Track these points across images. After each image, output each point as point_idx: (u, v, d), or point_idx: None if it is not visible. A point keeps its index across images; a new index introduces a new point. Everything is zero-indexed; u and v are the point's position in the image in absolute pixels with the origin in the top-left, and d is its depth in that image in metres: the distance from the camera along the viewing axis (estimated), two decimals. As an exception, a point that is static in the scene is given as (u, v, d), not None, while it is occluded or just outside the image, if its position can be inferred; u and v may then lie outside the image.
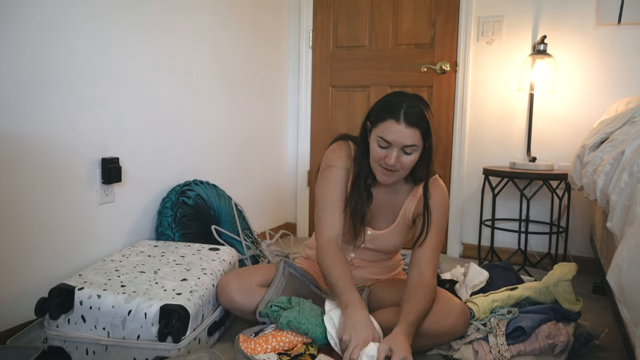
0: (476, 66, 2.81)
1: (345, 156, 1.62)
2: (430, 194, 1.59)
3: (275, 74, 3.09)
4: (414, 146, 1.45)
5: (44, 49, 1.65)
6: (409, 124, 1.43)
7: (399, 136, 1.43)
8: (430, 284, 1.54)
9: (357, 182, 1.58)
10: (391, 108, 1.45)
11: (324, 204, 1.60)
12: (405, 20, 2.97)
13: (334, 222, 1.58)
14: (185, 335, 1.46)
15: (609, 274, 0.93)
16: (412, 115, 1.43)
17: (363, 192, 1.59)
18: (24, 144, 1.62)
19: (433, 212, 1.59)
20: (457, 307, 1.53)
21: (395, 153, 1.45)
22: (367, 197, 1.60)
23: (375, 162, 1.52)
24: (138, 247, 1.91)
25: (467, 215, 2.90)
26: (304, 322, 1.42)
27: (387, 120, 1.45)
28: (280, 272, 1.66)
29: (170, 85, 2.23)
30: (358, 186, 1.58)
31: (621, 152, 1.36)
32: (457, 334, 1.55)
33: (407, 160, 1.48)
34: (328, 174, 1.62)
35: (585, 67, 2.60)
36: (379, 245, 1.68)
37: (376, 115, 1.49)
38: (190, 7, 2.32)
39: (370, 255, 1.72)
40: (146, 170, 2.11)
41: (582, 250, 2.67)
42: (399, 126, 1.43)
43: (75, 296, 1.47)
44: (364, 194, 1.59)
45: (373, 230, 1.67)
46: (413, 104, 1.45)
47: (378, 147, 1.48)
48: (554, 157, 2.68)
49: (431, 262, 1.56)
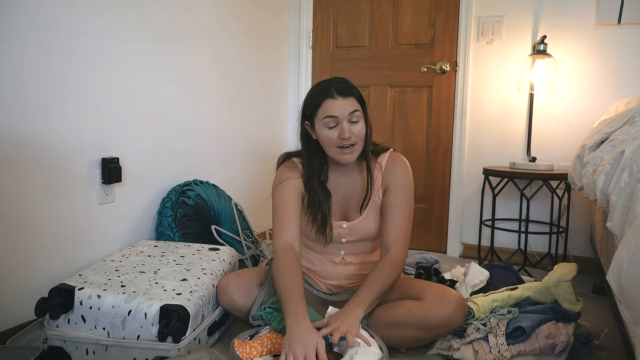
0: (476, 66, 2.81)
1: (293, 169, 1.66)
2: (391, 167, 1.65)
3: (275, 74, 3.09)
4: (356, 112, 1.53)
5: (44, 49, 1.65)
6: (343, 95, 1.52)
7: (341, 108, 1.51)
8: (397, 259, 1.57)
9: (310, 182, 1.62)
10: (321, 92, 1.54)
11: (276, 214, 1.62)
12: (405, 20, 2.97)
13: (287, 227, 1.59)
14: (185, 335, 1.46)
15: (609, 274, 0.93)
16: (343, 87, 1.53)
17: (319, 190, 1.62)
18: (24, 144, 1.62)
19: (396, 186, 1.63)
20: (454, 297, 1.53)
21: (345, 125, 1.51)
22: (324, 193, 1.63)
23: (332, 147, 1.55)
24: (138, 247, 1.91)
25: (467, 215, 2.90)
26: None
27: (324, 102, 1.52)
28: (271, 274, 1.65)
29: (171, 85, 2.23)
30: (312, 186, 1.62)
31: (621, 152, 1.36)
32: (454, 325, 1.55)
33: (358, 129, 1.54)
34: (280, 187, 1.64)
35: (585, 67, 2.60)
36: (361, 234, 1.68)
37: (310, 108, 1.56)
38: (190, 7, 2.32)
39: (358, 247, 1.71)
40: (146, 170, 2.11)
41: (582, 250, 2.67)
42: (336, 100, 1.51)
43: (75, 296, 1.47)
44: (320, 190, 1.63)
45: (348, 223, 1.67)
46: (338, 80, 1.56)
47: (328, 131, 1.53)
48: (554, 157, 2.68)
49: (398, 238, 1.60)
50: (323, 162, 1.65)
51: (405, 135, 3.02)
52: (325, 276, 1.73)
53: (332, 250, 1.71)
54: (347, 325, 1.36)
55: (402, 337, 1.56)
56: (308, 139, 1.62)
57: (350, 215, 1.69)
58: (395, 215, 1.62)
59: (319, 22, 3.17)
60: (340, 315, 1.42)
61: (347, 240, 1.69)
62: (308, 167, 1.63)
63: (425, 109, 2.96)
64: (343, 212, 1.69)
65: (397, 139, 3.03)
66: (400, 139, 3.02)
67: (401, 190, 1.63)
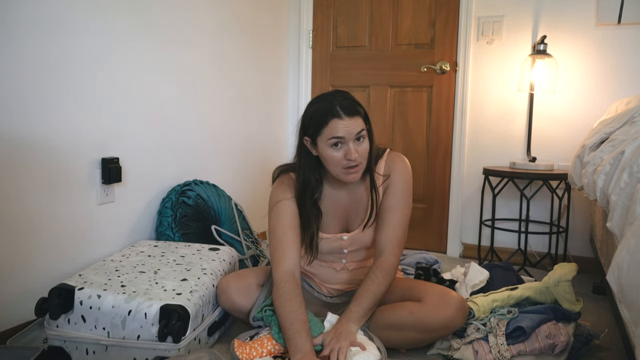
0: (476, 66, 2.81)
1: (289, 186, 1.61)
2: (390, 168, 1.63)
3: (275, 74, 3.09)
4: (362, 131, 1.49)
5: (44, 49, 1.65)
6: (349, 114, 1.46)
7: (348, 129, 1.46)
8: (389, 266, 1.56)
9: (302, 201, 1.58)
10: (326, 111, 1.47)
11: (275, 239, 1.58)
12: (405, 20, 2.97)
13: (287, 254, 1.55)
14: (185, 335, 1.46)
15: (609, 274, 0.93)
16: (349, 107, 1.47)
17: (311, 209, 1.59)
18: (24, 143, 1.62)
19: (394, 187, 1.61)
20: (455, 300, 1.53)
21: (352, 146, 1.47)
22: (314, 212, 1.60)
23: (337, 167, 1.51)
24: (138, 247, 1.91)
25: (467, 215, 2.90)
26: None
27: (330, 122, 1.46)
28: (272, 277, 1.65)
29: (171, 85, 2.23)
30: (304, 205, 1.58)
31: (621, 152, 1.36)
32: (455, 327, 1.54)
33: (363, 148, 1.51)
34: (276, 209, 1.60)
35: (585, 67, 2.60)
36: (362, 243, 1.67)
37: (313, 127, 1.50)
38: (190, 7, 2.32)
39: (359, 254, 1.71)
40: (146, 170, 2.11)
41: (582, 250, 2.67)
42: (343, 121, 1.46)
43: (75, 296, 1.47)
44: (312, 209, 1.59)
45: (348, 234, 1.66)
46: (341, 97, 1.50)
47: (333, 151, 1.49)
48: (554, 157, 2.68)
49: (391, 241, 1.59)
50: (319, 179, 1.60)
51: (405, 135, 3.02)
52: (326, 280, 1.73)
53: (333, 258, 1.70)
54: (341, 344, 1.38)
55: (402, 339, 1.56)
56: (307, 154, 1.57)
57: (351, 227, 1.67)
58: (391, 217, 1.60)
59: (319, 22, 3.17)
60: (334, 334, 1.43)
61: (349, 250, 1.68)
62: (303, 184, 1.58)
63: (425, 109, 2.96)
64: (344, 225, 1.67)
65: (397, 139, 3.03)
66: (400, 139, 3.02)
67: (400, 191, 1.61)
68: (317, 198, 1.60)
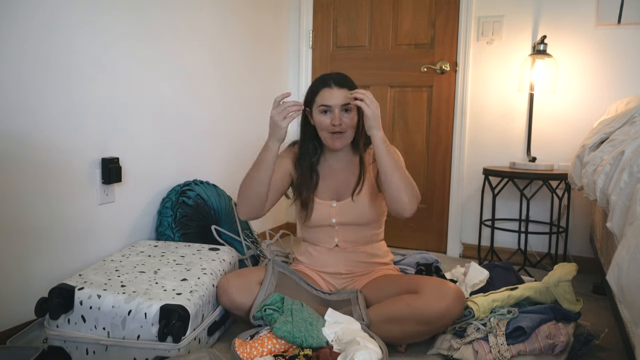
0: (476, 66, 2.81)
1: (290, 151, 1.84)
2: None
3: (275, 75, 3.09)
4: (349, 104, 1.67)
5: (44, 49, 1.65)
6: (339, 85, 1.68)
7: (334, 97, 1.67)
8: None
9: (301, 162, 1.77)
10: (321, 82, 1.71)
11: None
12: (405, 20, 2.97)
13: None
14: (185, 335, 1.46)
15: (609, 274, 0.93)
16: (340, 79, 1.70)
17: (307, 170, 1.77)
18: (24, 143, 1.62)
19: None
20: (452, 289, 1.55)
21: (337, 113, 1.66)
22: (311, 174, 1.77)
23: (323, 131, 1.70)
24: (138, 247, 1.91)
25: (467, 215, 2.90)
26: (298, 336, 1.44)
27: (321, 91, 1.69)
28: (270, 273, 1.68)
29: (170, 85, 2.23)
30: (302, 165, 1.77)
31: (621, 152, 1.36)
32: (453, 317, 1.55)
33: (349, 119, 1.69)
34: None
35: (585, 67, 2.60)
36: (353, 217, 1.75)
37: (310, 96, 1.73)
38: (189, 7, 2.32)
39: (351, 232, 1.77)
40: (146, 170, 2.11)
41: (582, 250, 2.67)
42: (332, 90, 1.68)
43: (76, 296, 1.47)
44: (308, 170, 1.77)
45: (338, 202, 1.76)
46: (337, 74, 1.73)
47: (322, 117, 1.69)
48: (554, 157, 2.68)
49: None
50: (317, 147, 1.79)
51: (405, 135, 3.02)
52: (322, 264, 1.79)
53: (325, 237, 1.78)
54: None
55: (401, 333, 1.57)
56: (306, 125, 1.78)
57: (342, 195, 1.79)
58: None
59: (319, 22, 3.17)
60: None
61: (338, 222, 1.75)
62: (302, 149, 1.78)
63: (425, 109, 2.96)
64: (336, 194, 1.77)
65: (397, 139, 3.02)
66: (400, 139, 3.02)
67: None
68: (314, 162, 1.79)
